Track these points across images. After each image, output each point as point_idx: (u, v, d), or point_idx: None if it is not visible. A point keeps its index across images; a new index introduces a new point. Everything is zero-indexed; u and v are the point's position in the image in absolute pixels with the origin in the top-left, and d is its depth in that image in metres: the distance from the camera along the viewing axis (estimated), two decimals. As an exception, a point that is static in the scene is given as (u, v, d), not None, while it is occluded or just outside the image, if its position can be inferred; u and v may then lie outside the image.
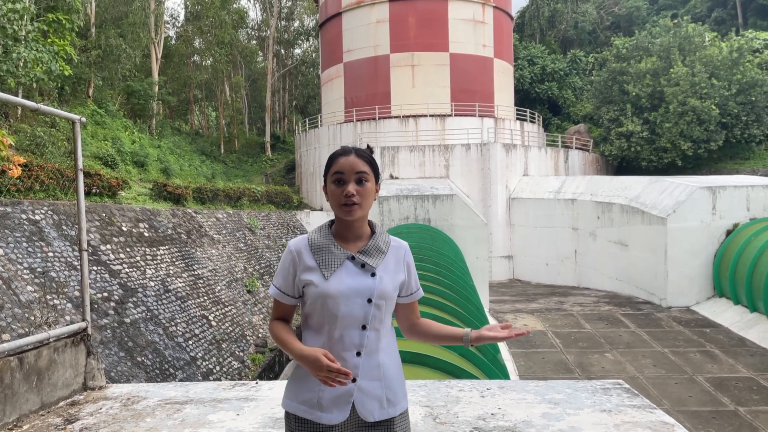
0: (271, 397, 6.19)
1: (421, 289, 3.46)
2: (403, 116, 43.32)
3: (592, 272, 34.17)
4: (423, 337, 3.47)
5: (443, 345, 3.45)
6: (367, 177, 3.17)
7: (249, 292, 28.02)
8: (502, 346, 21.71)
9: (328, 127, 45.19)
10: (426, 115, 43.05)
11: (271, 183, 49.08)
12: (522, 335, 3.16)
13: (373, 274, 3.16)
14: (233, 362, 22.85)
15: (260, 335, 25.75)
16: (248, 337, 25.04)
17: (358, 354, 3.11)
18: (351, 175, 3.13)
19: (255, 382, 6.78)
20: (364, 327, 3.11)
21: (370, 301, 3.11)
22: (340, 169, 3.15)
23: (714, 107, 42.65)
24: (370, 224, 3.32)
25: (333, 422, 3.09)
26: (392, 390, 3.18)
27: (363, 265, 3.17)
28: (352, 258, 3.18)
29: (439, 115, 43.10)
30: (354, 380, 3.09)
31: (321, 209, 42.84)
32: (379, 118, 43.62)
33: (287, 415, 3.22)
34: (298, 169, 49.46)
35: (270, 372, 24.32)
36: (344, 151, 3.20)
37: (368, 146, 3.31)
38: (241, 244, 31.02)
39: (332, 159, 3.22)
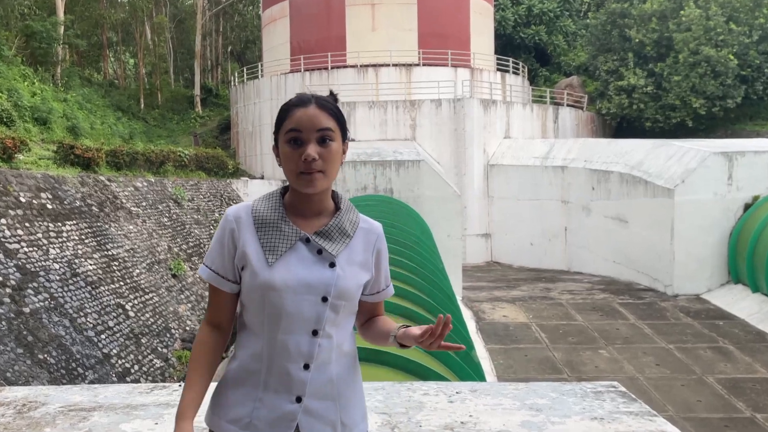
0: (197, 402, 6.11)
1: (391, 286, 3.25)
2: (360, 65, 43.32)
3: (584, 253, 34.48)
4: (369, 337, 3.24)
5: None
6: (333, 135, 2.86)
7: (174, 276, 28.23)
8: (477, 342, 21.82)
9: (271, 78, 45.16)
10: (388, 65, 43.13)
11: (201, 145, 48.98)
12: (454, 349, 2.84)
13: (332, 265, 2.89)
14: (155, 360, 23.02)
15: (187, 328, 26.16)
16: (173, 331, 25.25)
17: (306, 367, 2.85)
18: (311, 133, 2.83)
19: (179, 384, 6.71)
20: (315, 333, 2.86)
21: (325, 299, 2.86)
22: (297, 125, 2.84)
23: (732, 57, 42.74)
24: (335, 197, 3.07)
25: None
26: (348, 411, 2.98)
27: (320, 252, 2.90)
28: (307, 240, 2.90)
29: (404, 65, 43.19)
30: (299, 399, 2.85)
31: (262, 177, 42.98)
32: (332, 68, 43.50)
33: None
34: (233, 128, 49.56)
35: (199, 372, 24.28)
36: (301, 101, 2.88)
37: (332, 93, 3.05)
38: (165, 219, 31.24)
39: (285, 111, 2.91)
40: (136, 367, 21.68)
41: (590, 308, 26.50)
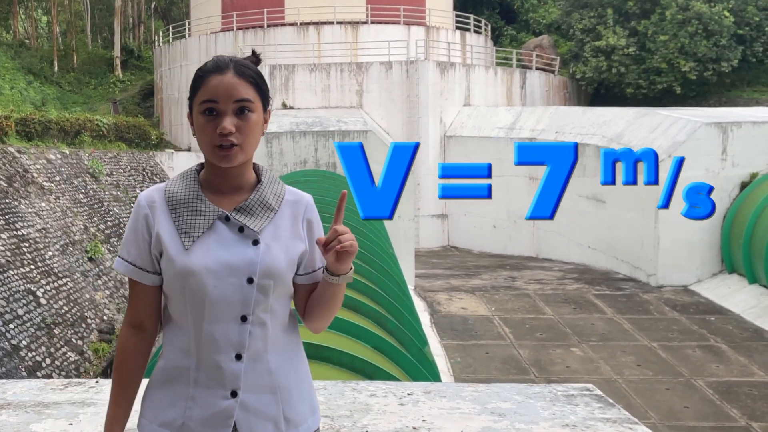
0: (115, 400, 6.17)
1: None
2: (300, 23, 43.80)
3: (556, 238, 34.66)
4: (314, 320, 3.20)
5: (330, 312, 3.24)
6: (252, 106, 2.91)
7: (91, 259, 28.95)
8: (432, 337, 22.00)
9: (199, 38, 46.12)
10: (332, 23, 43.61)
11: (121, 113, 50.29)
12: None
13: (255, 242, 2.93)
14: (69, 353, 23.37)
15: (105, 317, 26.82)
16: (89, 320, 25.66)
17: (238, 357, 2.90)
18: (227, 103, 2.86)
19: (95, 380, 6.86)
20: (244, 318, 2.90)
21: (251, 281, 2.89)
22: (213, 95, 2.87)
23: (727, 14, 43.03)
24: (256, 169, 3.13)
25: None
26: (292, 405, 3.03)
27: (241, 229, 2.94)
28: (227, 219, 2.95)
29: (349, 23, 43.84)
30: (234, 394, 2.90)
31: (189, 149, 44.36)
32: (269, 26, 44.21)
33: None
34: (157, 94, 49.96)
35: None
36: (218, 66, 2.91)
37: (254, 53, 3.09)
38: (81, 195, 31.83)
39: (200, 78, 2.94)
40: (48, 361, 22.02)
41: (561, 300, 26.82)
